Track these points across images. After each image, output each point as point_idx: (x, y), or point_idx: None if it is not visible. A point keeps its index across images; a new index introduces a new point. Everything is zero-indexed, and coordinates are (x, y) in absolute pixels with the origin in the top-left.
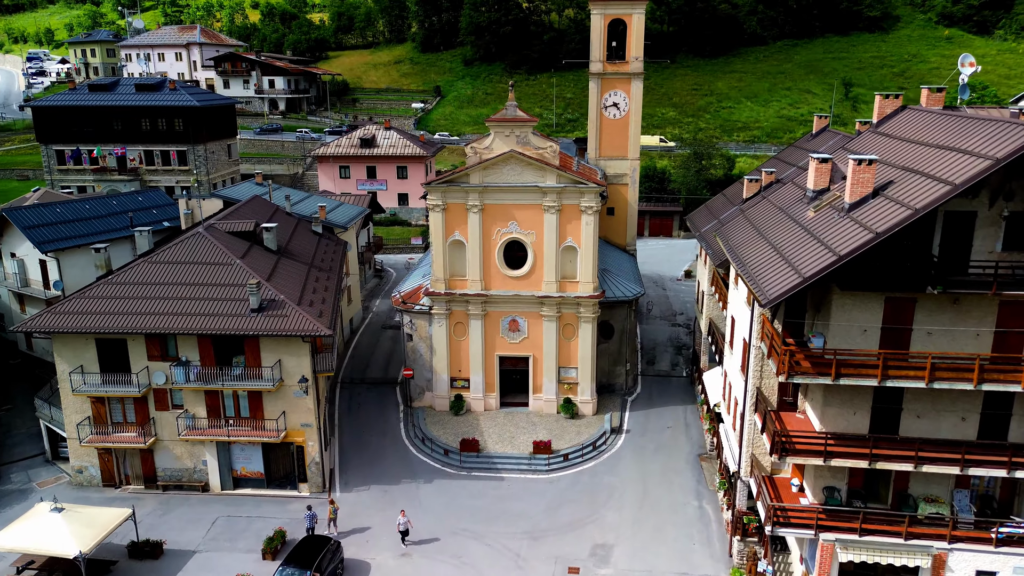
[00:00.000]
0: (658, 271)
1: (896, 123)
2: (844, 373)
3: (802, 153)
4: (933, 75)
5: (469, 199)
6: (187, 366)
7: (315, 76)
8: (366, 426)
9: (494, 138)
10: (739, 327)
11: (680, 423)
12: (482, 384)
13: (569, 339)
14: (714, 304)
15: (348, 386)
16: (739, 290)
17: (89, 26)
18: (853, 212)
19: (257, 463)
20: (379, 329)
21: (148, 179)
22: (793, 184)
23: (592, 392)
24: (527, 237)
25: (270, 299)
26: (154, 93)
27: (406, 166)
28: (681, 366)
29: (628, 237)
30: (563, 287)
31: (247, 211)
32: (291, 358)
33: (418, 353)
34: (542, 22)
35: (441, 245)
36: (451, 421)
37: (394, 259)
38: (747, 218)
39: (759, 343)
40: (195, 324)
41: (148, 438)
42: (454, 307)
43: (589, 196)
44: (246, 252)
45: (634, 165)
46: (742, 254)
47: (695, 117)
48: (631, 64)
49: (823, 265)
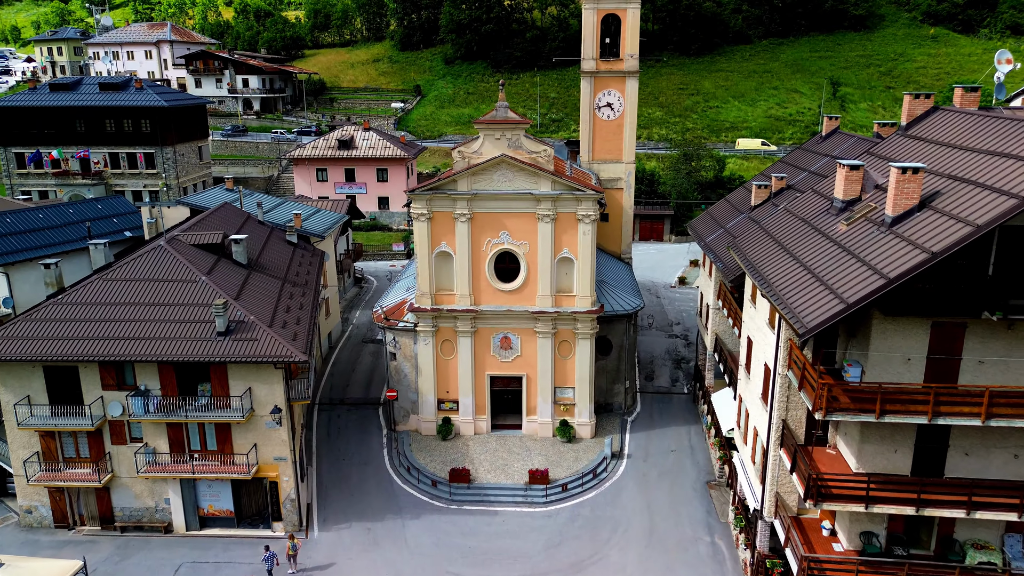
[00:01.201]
0: (651, 277)
1: (930, 125)
2: (889, 410)
3: (812, 156)
4: (920, 74)
5: (457, 207)
6: (146, 396)
7: (291, 75)
8: (347, 454)
9: (483, 141)
10: (759, 350)
11: (684, 446)
12: (472, 406)
13: (565, 357)
14: (721, 319)
15: (327, 408)
16: (758, 310)
17: (57, 23)
18: (897, 227)
19: (226, 500)
20: (359, 343)
21: (114, 183)
22: (814, 192)
23: (590, 413)
24: (520, 248)
25: (239, 320)
26: (119, 93)
27: (386, 168)
28: (682, 382)
29: (623, 244)
30: (559, 301)
31: (215, 220)
32: (263, 386)
33: (402, 373)
34: (524, 20)
35: (427, 257)
36: (439, 447)
37: (375, 266)
38: (763, 229)
39: (786, 371)
40: (155, 349)
41: (104, 475)
42: (441, 324)
43: (586, 204)
44: (213, 267)
45: (629, 169)
46: (766, 272)
47: (682, 117)
48: (626, 62)
49: (869, 289)
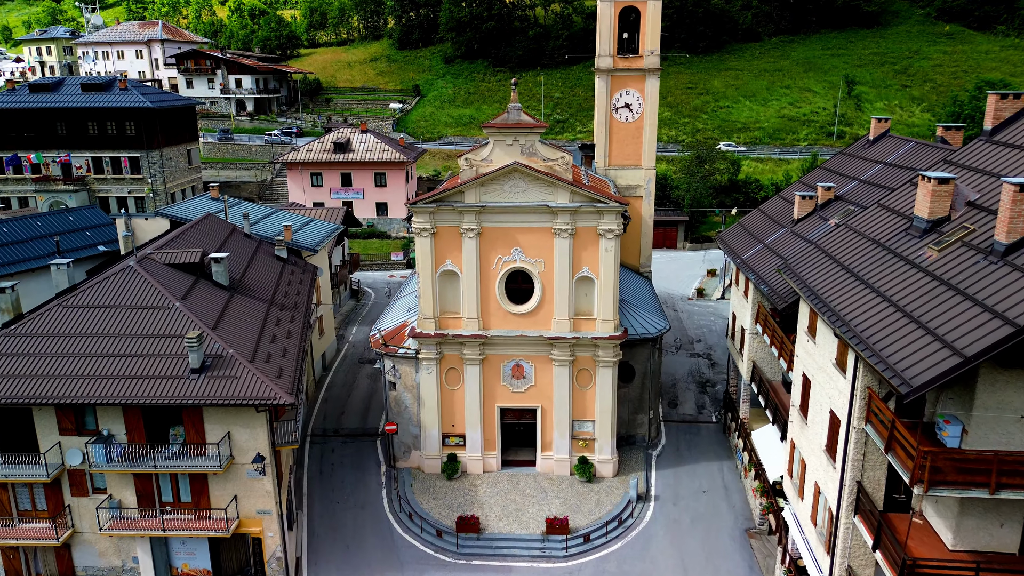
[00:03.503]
0: (666, 288)
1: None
2: (1006, 484)
3: (860, 163)
4: (937, 72)
5: (464, 221)
6: (110, 442)
7: (285, 75)
8: (341, 495)
9: (493, 147)
10: (820, 394)
11: (717, 485)
12: (480, 441)
13: (584, 387)
14: (759, 345)
15: (319, 441)
16: (818, 346)
17: (49, 23)
18: (1013, 257)
19: (203, 558)
20: (356, 364)
21: (97, 189)
22: (883, 208)
23: (612, 449)
24: (534, 267)
25: (216, 355)
26: (102, 94)
27: (385, 172)
28: (709, 409)
29: (642, 257)
30: (577, 326)
31: (196, 234)
32: (243, 430)
33: (403, 404)
34: (527, 17)
35: (430, 277)
36: (443, 488)
37: (373, 277)
38: (822, 250)
39: (863, 425)
40: (119, 390)
41: (63, 531)
42: (446, 350)
43: (609, 217)
44: (189, 290)
45: (649, 175)
46: (837, 305)
47: (691, 117)
48: (646, 59)
49: (994, 339)
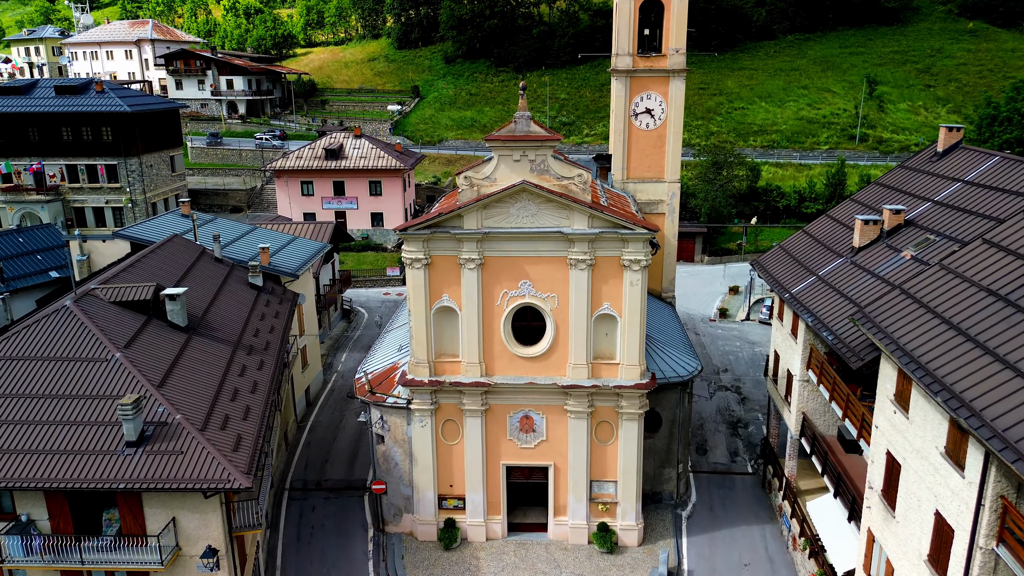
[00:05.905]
0: (685, 308)
1: None
2: None
3: (930, 180)
4: (961, 71)
5: (463, 250)
6: (29, 531)
7: (279, 75)
8: (321, 569)
9: (497, 164)
10: (917, 485)
11: (761, 557)
12: (482, 505)
13: (605, 443)
14: (812, 394)
15: (299, 496)
16: (912, 422)
17: (41, 23)
18: None
19: None
20: (344, 399)
21: (72, 199)
22: (990, 244)
23: (637, 514)
24: (545, 303)
25: (160, 421)
26: (77, 97)
27: (380, 180)
28: (743, 457)
29: (665, 281)
30: (597, 371)
31: (158, 260)
32: (191, 515)
33: (392, 461)
34: (531, 14)
35: (423, 314)
36: (440, 560)
37: (367, 295)
38: (911, 296)
39: (995, 545)
40: (40, 468)
41: None
42: (443, 400)
43: (635, 245)
44: (136, 335)
45: (673, 189)
46: (951, 381)
47: (705, 120)
48: (670, 58)
49: None
